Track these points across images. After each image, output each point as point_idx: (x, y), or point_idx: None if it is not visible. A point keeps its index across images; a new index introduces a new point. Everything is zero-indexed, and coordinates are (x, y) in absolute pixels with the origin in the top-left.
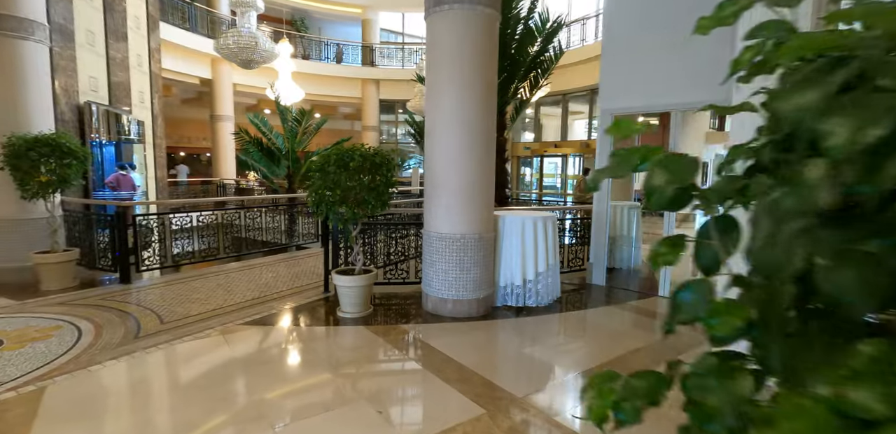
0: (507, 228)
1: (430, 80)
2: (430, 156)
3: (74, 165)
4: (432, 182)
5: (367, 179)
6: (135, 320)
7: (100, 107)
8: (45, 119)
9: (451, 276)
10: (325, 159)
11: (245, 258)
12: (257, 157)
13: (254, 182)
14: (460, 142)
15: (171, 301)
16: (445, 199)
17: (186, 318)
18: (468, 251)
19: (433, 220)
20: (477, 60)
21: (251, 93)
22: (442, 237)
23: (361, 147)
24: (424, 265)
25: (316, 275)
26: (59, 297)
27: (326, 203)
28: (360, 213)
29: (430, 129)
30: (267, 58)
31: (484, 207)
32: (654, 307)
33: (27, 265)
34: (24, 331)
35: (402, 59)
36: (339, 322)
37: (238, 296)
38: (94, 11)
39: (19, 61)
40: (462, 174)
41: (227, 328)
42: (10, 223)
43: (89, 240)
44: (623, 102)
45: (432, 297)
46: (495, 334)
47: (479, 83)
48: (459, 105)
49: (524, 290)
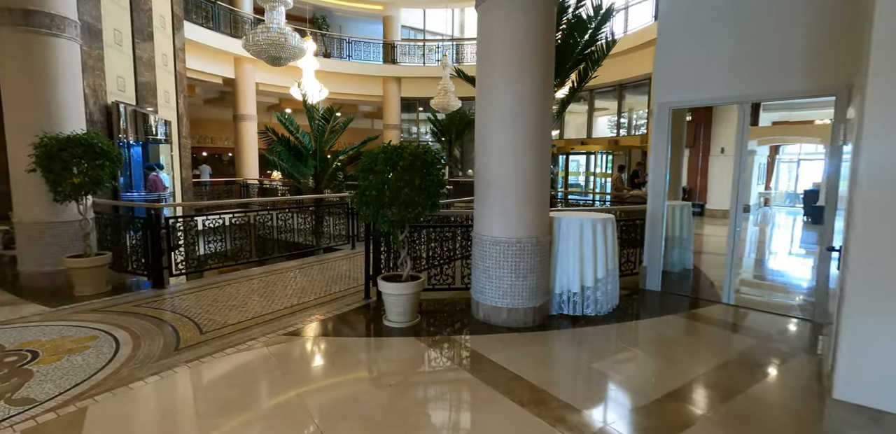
0: (564, 231)
1: (483, 73)
2: (482, 154)
3: (107, 166)
4: (485, 182)
5: (417, 180)
6: (173, 329)
7: (127, 107)
8: (77, 119)
9: (506, 284)
10: (373, 158)
11: (276, 261)
12: (285, 157)
13: (277, 182)
14: (516, 139)
15: (207, 308)
16: (500, 201)
17: (226, 327)
18: (525, 257)
19: (486, 223)
20: (534, 51)
21: (273, 92)
22: (496, 242)
23: (410, 145)
24: (475, 271)
25: (352, 279)
26: (92, 304)
27: (374, 205)
28: (408, 215)
29: (482, 126)
30: (296, 55)
31: (540, 209)
32: (721, 316)
33: (59, 269)
34: (59, 341)
35: (423, 57)
36: (387, 332)
37: (275, 302)
38: (122, 10)
39: (52, 59)
40: (519, 173)
41: (270, 339)
42: (42, 226)
43: (120, 243)
44: (684, 94)
45: (484, 305)
46: (558, 347)
47: (537, 76)
48: (516, 100)
49: (582, 297)
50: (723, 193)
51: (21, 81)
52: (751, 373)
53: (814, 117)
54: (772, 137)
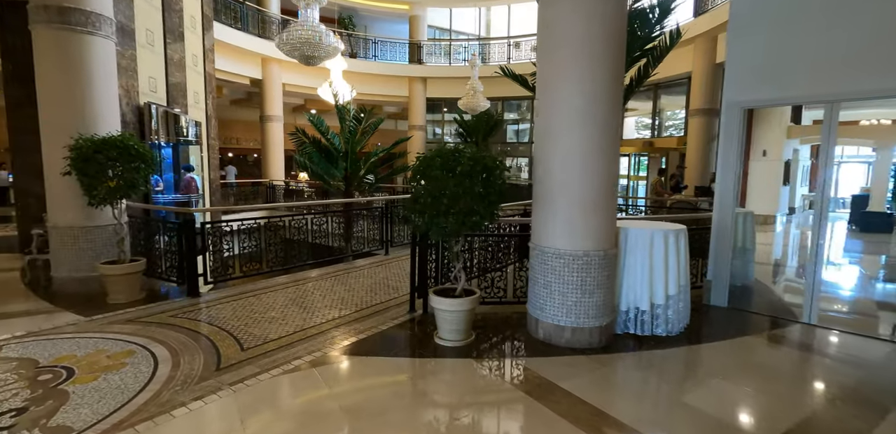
0: (632, 243)
1: (544, 70)
2: (544, 159)
3: (143, 169)
4: (547, 189)
5: (478, 187)
6: (211, 344)
7: (159, 108)
8: (112, 119)
9: (571, 300)
10: (428, 162)
11: (311, 267)
12: (316, 159)
13: (303, 183)
14: (585, 142)
15: (245, 319)
16: (566, 210)
17: (267, 343)
18: (591, 271)
19: (548, 234)
20: (605, 44)
21: (299, 93)
22: (560, 255)
23: (468, 148)
24: (533, 285)
25: (392, 289)
26: (127, 313)
27: (429, 213)
28: (466, 225)
29: (543, 128)
30: (330, 54)
31: (608, 219)
32: (807, 338)
33: (93, 275)
34: (95, 356)
35: (449, 57)
36: (441, 352)
37: (315, 314)
38: (154, 10)
39: (87, 57)
40: (586, 180)
41: (317, 358)
42: (76, 231)
43: (153, 248)
44: (761, 92)
45: (545, 322)
46: (635, 374)
47: (607, 72)
48: (584, 98)
49: (651, 315)
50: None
51: (56, 80)
52: (873, 411)
53: (859, 118)
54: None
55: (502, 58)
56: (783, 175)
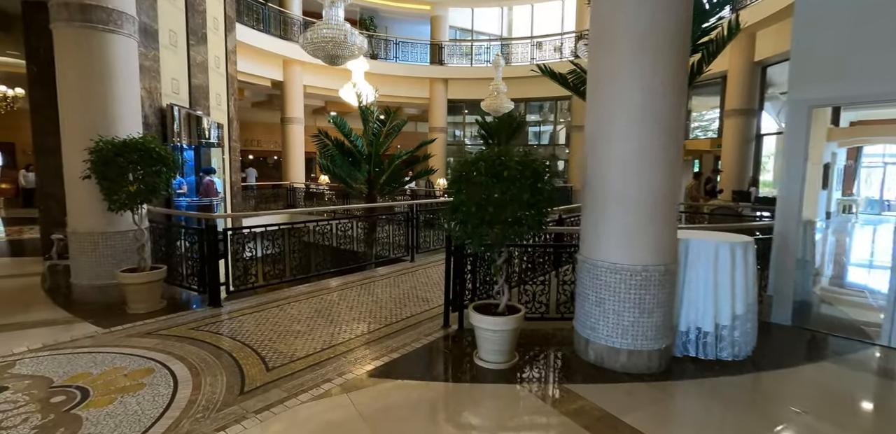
0: (693, 256)
1: (599, 65)
2: (597, 163)
3: (164, 173)
4: (600, 196)
5: (526, 194)
6: (234, 363)
7: (181, 109)
8: (134, 121)
9: (627, 320)
10: (469, 166)
11: (335, 275)
12: (339, 161)
13: (324, 186)
14: (646, 143)
15: (269, 334)
16: (622, 219)
17: (294, 361)
18: (651, 288)
19: (600, 246)
20: (670, 37)
21: (319, 95)
22: (616, 269)
23: (514, 150)
24: (582, 302)
25: (421, 300)
26: (146, 324)
27: (471, 223)
28: (511, 235)
29: (596, 129)
30: (355, 53)
31: (670, 229)
32: (891, 364)
33: (113, 283)
34: (111, 374)
35: (470, 57)
36: (483, 376)
37: (344, 329)
38: (177, 11)
39: (109, 56)
40: (646, 186)
41: (348, 382)
42: (96, 237)
43: (174, 254)
44: (834, 89)
45: (597, 344)
46: (706, 405)
47: (672, 67)
48: (645, 95)
49: (715, 337)
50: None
51: (77, 80)
52: None
53: None
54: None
55: (525, 58)
56: (822, 179)
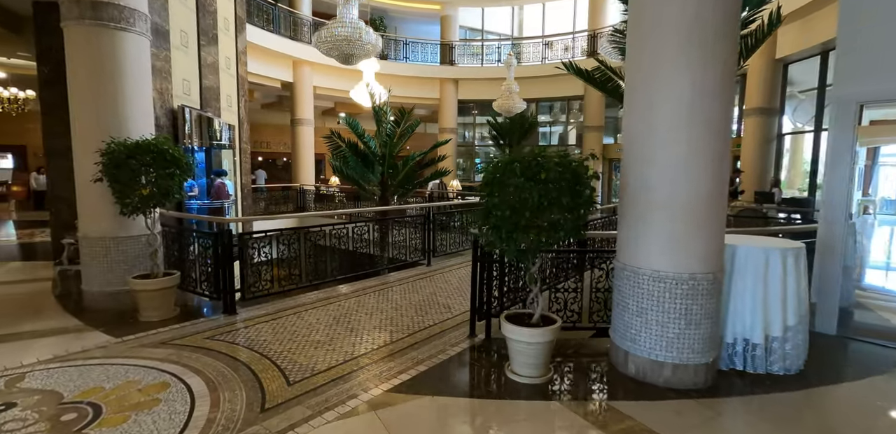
0: (740, 263)
1: (640, 61)
2: (637, 165)
3: (178, 176)
4: (642, 199)
5: (566, 198)
6: (253, 376)
7: (193, 111)
8: (146, 122)
9: (672, 332)
10: (503, 168)
11: (350, 280)
12: (352, 163)
13: (334, 188)
14: (696, 146)
15: (287, 343)
16: (667, 225)
17: (316, 375)
18: (698, 298)
19: (641, 253)
20: (719, 30)
21: (329, 96)
22: (660, 278)
23: (551, 151)
24: (621, 311)
25: (443, 307)
26: (160, 333)
27: (506, 228)
28: (548, 241)
29: (637, 129)
30: (369, 52)
31: (718, 235)
32: None
33: (125, 289)
34: (125, 389)
35: (481, 57)
36: (516, 390)
37: (365, 338)
38: (189, 11)
39: (121, 55)
40: (694, 190)
41: (375, 398)
42: (107, 242)
43: (187, 259)
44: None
45: (637, 357)
46: (764, 426)
47: (720, 62)
48: (694, 93)
49: (765, 350)
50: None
51: (88, 80)
52: None
53: None
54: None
55: (536, 58)
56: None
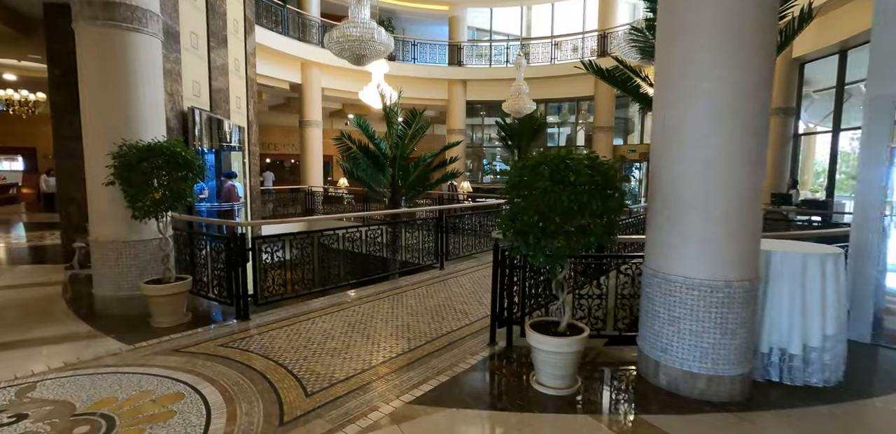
0: (776, 269)
1: (671, 56)
2: (669, 164)
3: (190, 179)
4: (674, 202)
5: (597, 202)
6: (270, 387)
7: (202, 113)
8: (157, 124)
9: (707, 342)
10: (529, 171)
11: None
12: (364, 165)
13: (343, 190)
14: (731, 143)
15: (302, 351)
16: (701, 229)
17: (335, 385)
18: (734, 306)
19: (673, 258)
20: (756, 20)
21: (336, 97)
22: (693, 285)
23: (578, 153)
24: (651, 320)
25: (460, 313)
26: (172, 340)
27: (533, 233)
28: (576, 247)
29: (670, 129)
30: (381, 52)
31: (754, 240)
32: None
33: (136, 294)
34: (138, 400)
35: (489, 58)
36: (543, 403)
37: (382, 346)
38: (198, 13)
39: (132, 56)
40: (730, 192)
41: (396, 410)
42: (119, 246)
43: (198, 263)
44: None
45: (670, 368)
46: None
47: (758, 58)
48: (731, 90)
49: (803, 360)
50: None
51: (99, 81)
52: None
53: None
54: None
55: (545, 58)
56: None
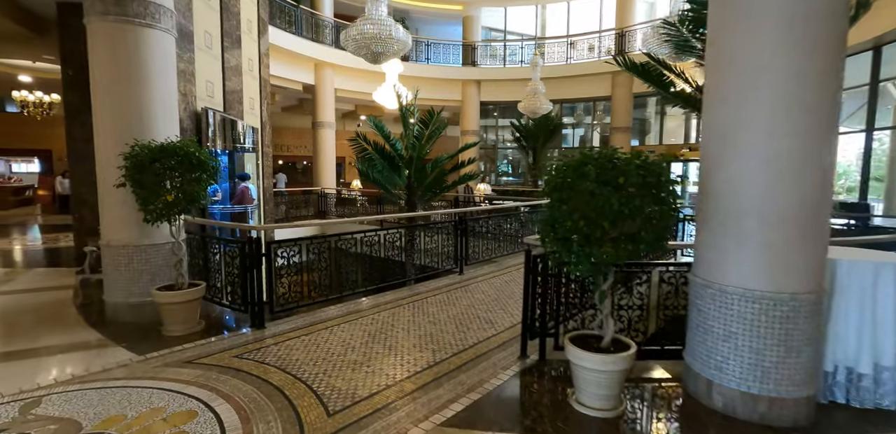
0: (843, 280)
1: (726, 47)
2: (724, 164)
3: (204, 181)
4: (730, 207)
5: (651, 206)
6: (289, 404)
7: (216, 113)
8: (171, 124)
9: (769, 361)
10: (570, 172)
11: (381, 291)
12: (381, 167)
13: (356, 192)
14: (800, 145)
15: (322, 364)
16: (762, 235)
17: (357, 403)
18: (800, 321)
19: (729, 267)
20: (827, 5)
21: (349, 98)
22: (753, 297)
23: (624, 153)
24: (703, 335)
25: (486, 322)
26: (184, 350)
27: (578, 240)
28: (625, 255)
29: (725, 126)
30: (399, 50)
31: (822, 248)
32: None
33: (148, 300)
34: (149, 418)
35: (503, 58)
36: (586, 426)
37: (406, 359)
38: (212, 12)
39: (145, 52)
40: (796, 195)
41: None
42: (130, 250)
43: (211, 268)
44: None
45: (725, 388)
46: None
47: (828, 47)
48: (796, 82)
49: (874, 381)
50: None
51: (112, 78)
52: None
53: None
54: None
55: (560, 58)
56: None
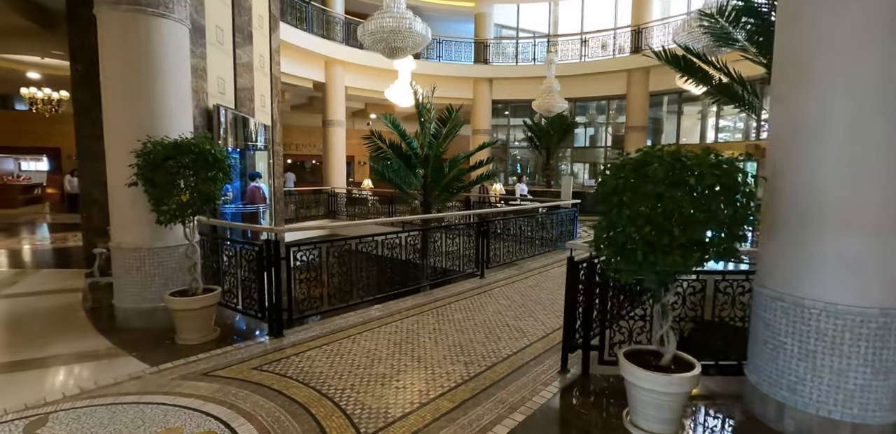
0: None
1: (803, 29)
2: (798, 163)
3: (219, 180)
4: (805, 211)
5: (727, 210)
6: (317, 426)
7: (228, 111)
8: (184, 119)
9: (854, 383)
10: (635, 172)
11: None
12: (396, 166)
13: (367, 191)
14: (887, 137)
15: (347, 377)
16: (849, 244)
17: (392, 424)
18: (891, 339)
19: (807, 278)
20: None
21: (359, 96)
22: (837, 313)
23: (691, 151)
24: (773, 352)
25: (516, 330)
26: (200, 360)
27: (641, 248)
28: (691, 264)
29: (800, 122)
30: (418, 44)
31: None
32: None
33: (159, 306)
34: None
35: (516, 56)
36: None
37: (437, 372)
38: (224, 7)
39: (158, 43)
40: (887, 195)
41: None
42: (142, 253)
43: (226, 272)
44: None
45: (801, 412)
46: None
47: None
48: (887, 70)
49: None
50: None
51: (123, 70)
52: None
53: None
54: None
55: (574, 56)
56: None
